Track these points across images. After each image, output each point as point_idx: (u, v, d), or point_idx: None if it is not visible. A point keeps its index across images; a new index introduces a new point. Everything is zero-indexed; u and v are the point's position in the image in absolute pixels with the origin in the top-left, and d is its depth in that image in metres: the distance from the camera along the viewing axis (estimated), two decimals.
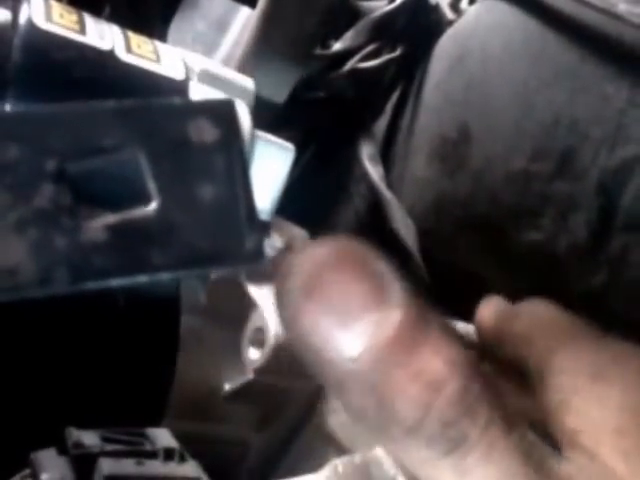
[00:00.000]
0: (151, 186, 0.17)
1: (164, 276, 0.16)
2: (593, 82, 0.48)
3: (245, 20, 1.08)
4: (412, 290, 0.20)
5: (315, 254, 0.18)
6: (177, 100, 0.17)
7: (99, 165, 0.16)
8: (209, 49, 1.18)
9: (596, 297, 0.48)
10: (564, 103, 0.49)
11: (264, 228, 0.50)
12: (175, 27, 0.89)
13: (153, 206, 0.17)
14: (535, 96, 0.51)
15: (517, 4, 0.55)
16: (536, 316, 0.27)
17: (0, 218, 0.16)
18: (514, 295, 0.52)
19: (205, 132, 0.17)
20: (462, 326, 0.49)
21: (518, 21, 0.54)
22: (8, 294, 0.15)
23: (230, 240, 0.17)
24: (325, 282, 0.18)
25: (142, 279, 0.16)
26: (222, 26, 1.15)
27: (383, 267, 0.18)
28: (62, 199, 0.16)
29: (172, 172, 0.17)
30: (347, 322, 0.18)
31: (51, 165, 0.16)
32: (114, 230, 0.16)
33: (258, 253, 0.17)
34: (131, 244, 0.16)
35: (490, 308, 0.35)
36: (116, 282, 0.16)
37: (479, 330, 0.44)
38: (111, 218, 0.16)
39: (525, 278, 0.52)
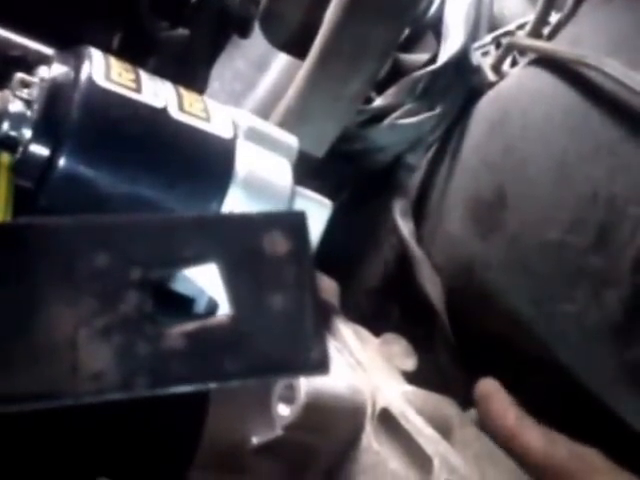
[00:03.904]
0: (226, 295, 0.18)
1: (234, 383, 0.17)
2: (633, 161, 0.48)
3: (285, 62, 1.09)
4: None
5: None
6: (253, 213, 0.18)
7: (179, 274, 0.17)
8: (247, 88, 1.20)
9: (630, 371, 0.48)
10: (603, 179, 0.49)
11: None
12: (216, 64, 0.91)
13: (228, 315, 0.18)
14: (574, 168, 0.52)
15: (559, 76, 0.56)
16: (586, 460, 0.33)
17: (88, 324, 0.17)
18: (546, 365, 0.52)
19: (278, 244, 0.18)
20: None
21: (560, 92, 0.55)
22: (91, 397, 0.16)
23: (297, 349, 0.18)
24: None
25: (214, 385, 0.17)
26: (262, 66, 1.17)
27: None
28: (145, 306, 0.17)
29: (246, 282, 0.18)
30: None
31: (136, 273, 0.17)
32: (191, 337, 0.17)
33: (323, 363, 0.18)
34: (207, 351, 0.17)
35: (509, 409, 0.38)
36: (191, 387, 0.17)
37: (492, 421, 0.45)
38: (189, 326, 0.17)
39: (557, 349, 0.52)
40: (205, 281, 0.18)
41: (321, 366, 0.18)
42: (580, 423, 0.47)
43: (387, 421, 0.47)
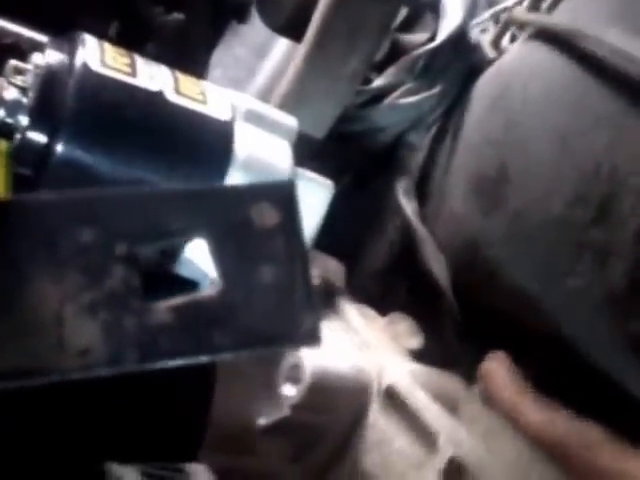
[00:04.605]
0: (215, 268, 0.18)
1: (225, 356, 0.17)
2: (633, 132, 0.48)
3: (285, 48, 1.09)
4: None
5: None
6: (240, 184, 0.18)
7: (166, 248, 0.17)
8: (248, 74, 1.20)
9: (634, 343, 0.48)
10: (604, 151, 0.49)
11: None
12: (216, 52, 0.91)
13: (216, 288, 0.17)
14: (575, 141, 0.52)
15: (558, 49, 0.55)
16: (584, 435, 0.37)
17: (74, 300, 0.16)
18: (551, 340, 0.52)
19: (266, 215, 0.18)
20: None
21: (560, 65, 0.55)
22: (79, 373, 0.16)
23: (288, 321, 0.18)
24: None
25: (204, 359, 0.17)
26: (262, 53, 1.17)
27: None
28: (132, 281, 0.17)
29: (234, 255, 0.18)
30: None
31: (122, 248, 0.17)
32: (180, 312, 0.17)
33: (315, 334, 0.18)
34: (195, 325, 0.17)
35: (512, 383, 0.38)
36: (180, 362, 0.17)
37: (495, 393, 0.45)
38: (177, 300, 0.17)
39: (561, 323, 0.52)
40: (193, 254, 0.18)
41: (312, 337, 0.18)
42: (584, 395, 0.46)
43: (393, 398, 0.47)
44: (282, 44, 1.05)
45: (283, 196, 0.19)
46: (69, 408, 0.44)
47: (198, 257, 0.17)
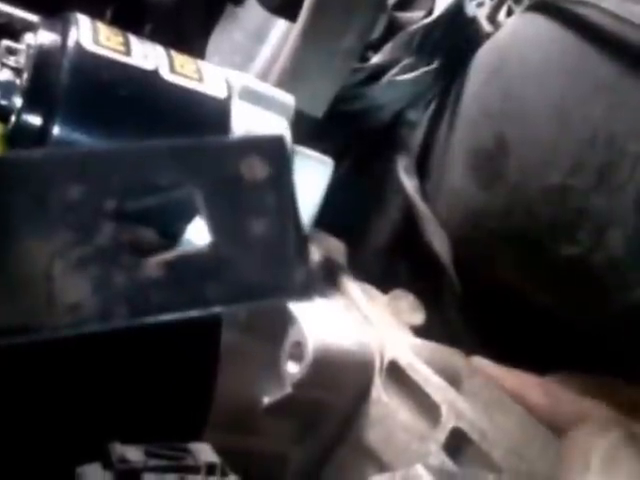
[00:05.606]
0: (205, 222, 0.17)
1: (216, 310, 0.17)
2: (632, 97, 0.48)
3: (283, 32, 1.08)
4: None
5: None
6: (230, 138, 0.18)
7: (157, 203, 0.17)
8: (247, 60, 1.19)
9: (634, 310, 0.48)
10: (602, 117, 0.49)
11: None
12: (214, 38, 0.90)
13: (207, 242, 0.17)
14: (573, 110, 0.51)
15: (556, 18, 0.55)
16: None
17: (63, 256, 0.16)
18: (551, 312, 0.52)
19: (256, 169, 0.18)
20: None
21: (557, 35, 0.54)
22: (70, 329, 0.16)
23: (280, 274, 0.18)
24: None
25: (196, 313, 0.17)
26: (260, 37, 1.16)
27: None
28: (122, 237, 0.17)
29: (225, 209, 0.18)
30: None
31: (111, 204, 0.17)
32: (170, 266, 0.17)
33: (307, 287, 0.18)
34: (186, 279, 0.17)
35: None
36: (172, 316, 0.17)
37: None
38: (167, 255, 0.17)
39: (561, 292, 0.52)
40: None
41: (304, 290, 0.18)
42: (587, 366, 0.46)
43: (395, 373, 0.47)
44: (279, 29, 1.04)
45: (273, 149, 0.18)
46: (73, 388, 0.44)
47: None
